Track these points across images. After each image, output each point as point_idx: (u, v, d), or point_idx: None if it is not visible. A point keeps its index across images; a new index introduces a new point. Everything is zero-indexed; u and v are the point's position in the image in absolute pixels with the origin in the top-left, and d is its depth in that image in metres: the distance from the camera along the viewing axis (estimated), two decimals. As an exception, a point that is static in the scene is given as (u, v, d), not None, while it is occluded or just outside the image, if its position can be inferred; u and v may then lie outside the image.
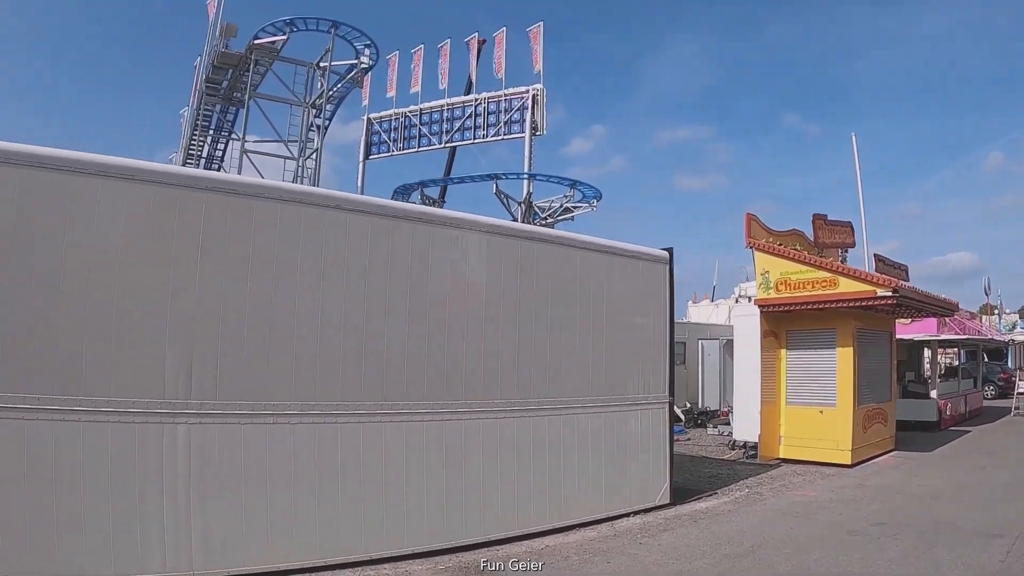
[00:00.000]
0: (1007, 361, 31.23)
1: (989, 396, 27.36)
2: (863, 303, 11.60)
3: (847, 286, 11.73)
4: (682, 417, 17.43)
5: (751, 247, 12.90)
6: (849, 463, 11.99)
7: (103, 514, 5.04)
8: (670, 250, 9.57)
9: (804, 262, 12.30)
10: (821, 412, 12.48)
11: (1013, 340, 30.58)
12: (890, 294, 11.16)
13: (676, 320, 9.91)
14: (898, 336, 17.72)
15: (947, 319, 18.36)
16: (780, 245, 12.96)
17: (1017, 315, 41.75)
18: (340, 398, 6.15)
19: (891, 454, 13.48)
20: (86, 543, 4.98)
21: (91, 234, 5.22)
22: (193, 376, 5.44)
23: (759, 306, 12.70)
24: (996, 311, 36.36)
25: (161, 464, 5.26)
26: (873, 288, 11.40)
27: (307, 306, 6.09)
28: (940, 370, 19.92)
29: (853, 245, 14.16)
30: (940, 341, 18.79)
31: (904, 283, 11.81)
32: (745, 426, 12.92)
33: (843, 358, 12.36)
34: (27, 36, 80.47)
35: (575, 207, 29.15)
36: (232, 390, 5.60)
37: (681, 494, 9.25)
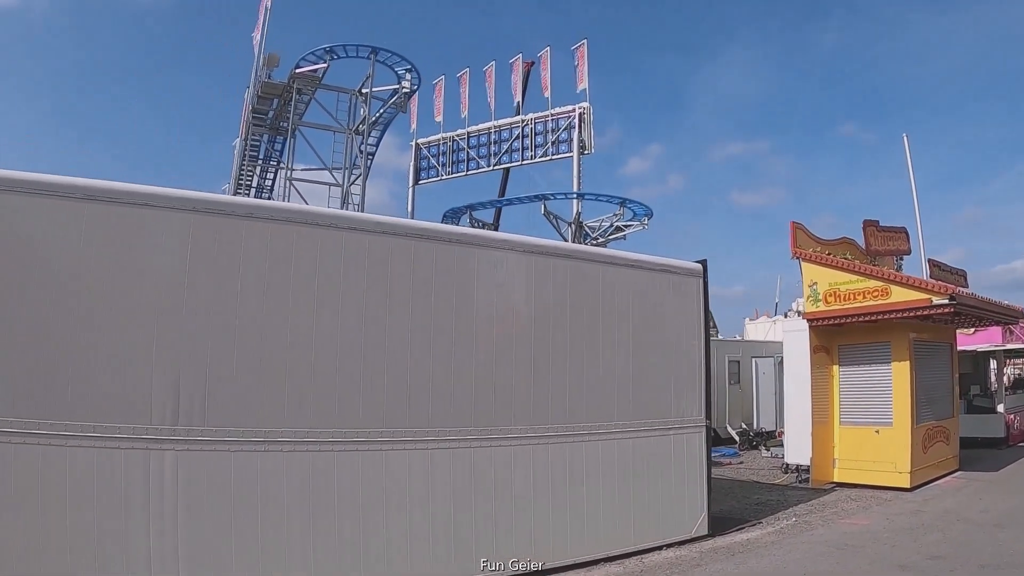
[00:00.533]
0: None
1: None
2: (918, 313, 10.92)
3: (900, 295, 11.08)
4: (736, 439, 17.01)
5: (797, 257, 12.36)
6: (908, 486, 11.27)
7: (88, 538, 4.98)
8: (703, 262, 9.15)
9: (853, 271, 11.69)
10: (877, 432, 11.78)
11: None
12: (946, 302, 10.47)
13: (731, 338, 9.54)
14: (960, 347, 16.83)
15: (1013, 328, 17.27)
16: (828, 255, 12.38)
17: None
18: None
19: (954, 475, 12.64)
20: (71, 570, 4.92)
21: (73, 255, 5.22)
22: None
23: (808, 320, 12.12)
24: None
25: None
26: (928, 296, 10.72)
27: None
28: (1007, 382, 18.75)
29: (908, 252, 13.43)
30: (1006, 351, 17.64)
31: (962, 289, 11.09)
32: (797, 448, 12.29)
33: (899, 373, 11.66)
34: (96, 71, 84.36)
35: (626, 226, 28.80)
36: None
37: (722, 524, 8.76)
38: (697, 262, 9.09)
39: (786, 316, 12.54)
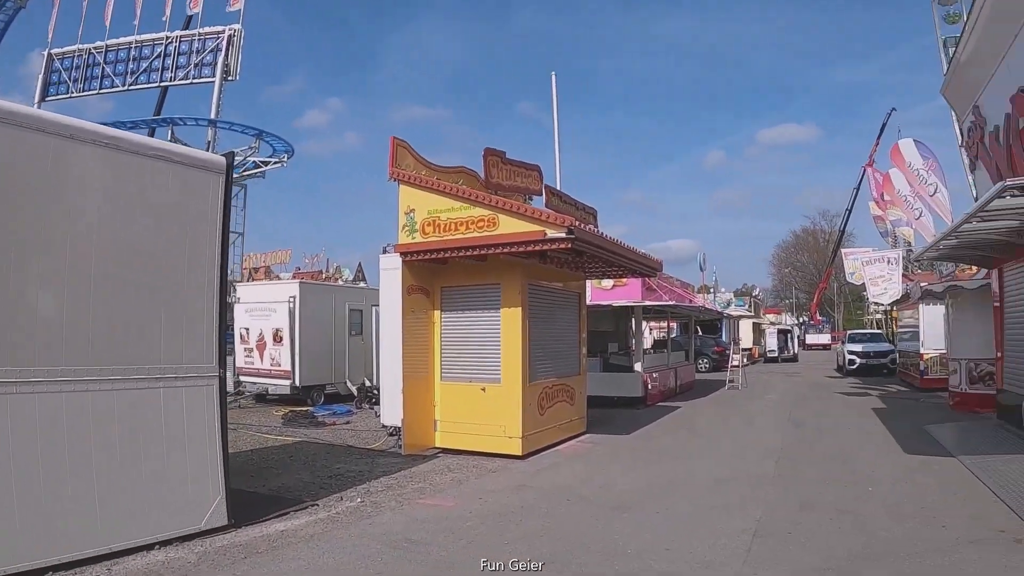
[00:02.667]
0: (721, 335, 32.38)
1: (703, 369, 27.73)
2: (531, 248, 8.89)
3: (509, 225, 8.99)
4: (355, 393, 15.63)
5: (395, 179, 9.75)
6: (520, 454, 9.39)
7: None
8: (229, 155, 6.36)
9: (456, 196, 9.38)
10: (484, 390, 9.73)
11: (728, 314, 31.66)
12: (563, 236, 8.55)
13: (355, 285, 6.51)
14: (603, 302, 15.96)
15: (656, 286, 16.95)
16: (437, 179, 9.95)
17: (732, 294, 44.69)
18: None
19: (580, 438, 11.18)
20: None
21: None
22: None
23: (400, 254, 9.58)
24: (712, 289, 38.11)
25: None
26: (542, 228, 8.72)
27: None
28: (647, 341, 18.70)
29: (540, 192, 11.60)
30: (649, 309, 17.32)
31: (585, 225, 9.34)
32: (391, 407, 9.83)
33: (509, 321, 9.67)
34: None
35: (264, 162, 25.70)
36: None
37: (265, 507, 6.48)
38: (223, 155, 6.28)
39: (384, 252, 9.82)
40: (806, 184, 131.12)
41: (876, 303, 18.15)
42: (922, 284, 15.97)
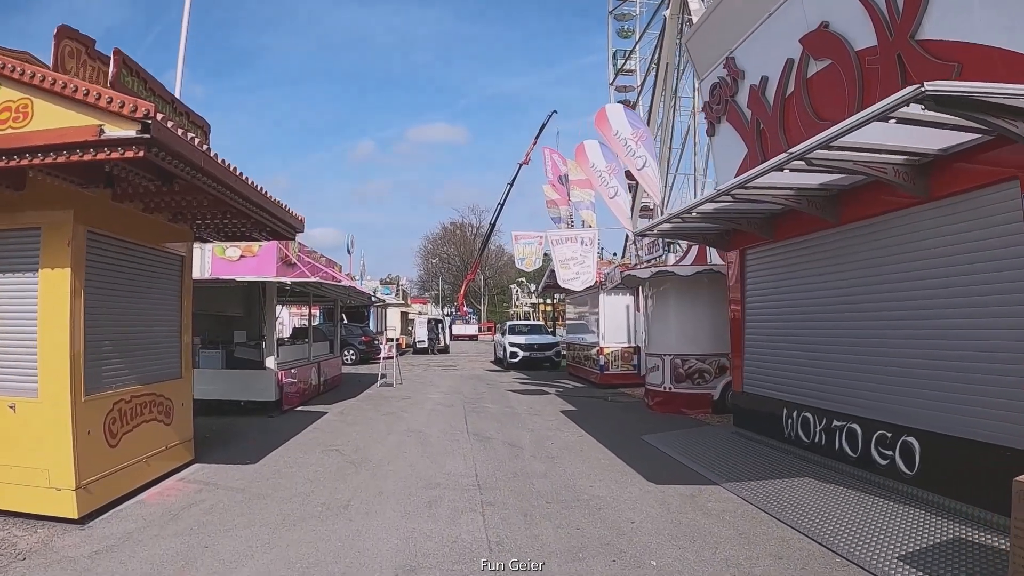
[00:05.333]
0: (369, 323, 30.01)
1: (349, 362, 25.03)
2: (81, 158, 4.99)
3: (48, 118, 5.05)
4: None
5: None
6: (76, 515, 5.63)
7: None
8: None
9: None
10: (13, 408, 5.62)
11: (380, 299, 29.24)
12: (132, 135, 4.91)
13: None
14: (228, 277, 12.08)
15: (297, 261, 13.53)
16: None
17: (379, 282, 42.92)
18: None
19: (183, 475, 7.51)
20: None
21: None
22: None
23: None
24: (360, 276, 35.69)
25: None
26: (97, 122, 4.94)
27: None
28: (285, 329, 15.12)
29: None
30: (288, 290, 13.56)
31: (187, 135, 5.63)
32: None
33: (54, 292, 5.68)
34: None
35: None
36: None
37: None
38: None
39: None
40: (451, 180, 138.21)
41: (569, 289, 16.61)
42: (621, 271, 14.48)
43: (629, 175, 16.49)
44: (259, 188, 7.31)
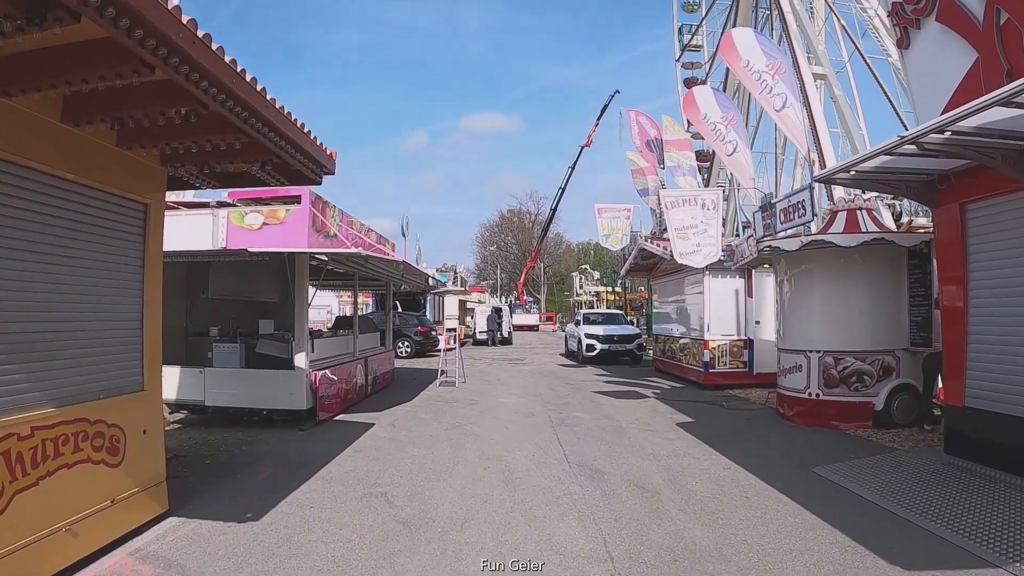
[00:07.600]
0: (425, 312, 27.46)
1: (404, 355, 22.49)
2: None
3: None
4: None
5: None
6: None
7: None
8: None
9: None
10: None
11: (439, 281, 26.56)
12: None
13: None
14: (251, 248, 9.36)
15: (337, 231, 10.76)
16: None
17: (435, 270, 40.59)
18: None
19: (145, 540, 4.94)
20: None
21: None
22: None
23: None
24: (416, 260, 33.36)
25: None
26: None
27: None
28: (326, 316, 12.46)
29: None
30: (323, 269, 10.74)
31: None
32: None
33: None
34: None
35: None
36: None
37: None
38: None
39: None
40: (504, 171, 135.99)
41: (687, 265, 13.30)
42: (762, 244, 10.63)
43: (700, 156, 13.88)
44: (266, 95, 4.51)
